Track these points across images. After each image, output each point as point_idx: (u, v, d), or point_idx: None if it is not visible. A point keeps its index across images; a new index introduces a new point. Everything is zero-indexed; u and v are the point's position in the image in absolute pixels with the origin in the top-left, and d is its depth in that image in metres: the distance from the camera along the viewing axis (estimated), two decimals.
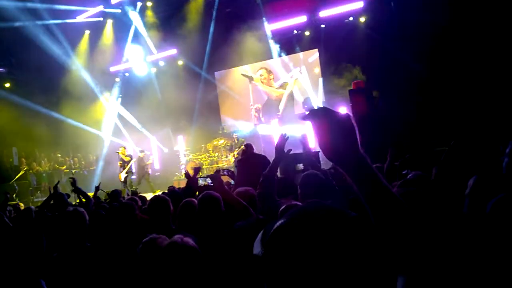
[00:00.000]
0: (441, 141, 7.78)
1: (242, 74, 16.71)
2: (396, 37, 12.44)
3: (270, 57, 15.88)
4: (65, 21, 15.35)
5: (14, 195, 13.58)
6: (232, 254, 2.53)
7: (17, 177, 14.35)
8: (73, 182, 5.78)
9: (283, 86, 16.06)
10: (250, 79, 16.54)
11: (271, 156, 3.48)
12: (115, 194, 6.38)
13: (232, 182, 6.01)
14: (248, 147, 6.70)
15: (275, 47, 15.46)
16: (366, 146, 1.06)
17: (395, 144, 4.73)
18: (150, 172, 14.18)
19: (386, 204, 0.95)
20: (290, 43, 15.36)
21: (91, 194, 7.62)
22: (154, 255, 1.82)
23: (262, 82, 16.40)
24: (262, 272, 0.80)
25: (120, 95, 18.02)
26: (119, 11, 16.54)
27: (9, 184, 14.00)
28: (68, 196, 6.06)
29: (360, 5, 13.65)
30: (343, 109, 12.18)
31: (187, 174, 4.98)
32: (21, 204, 9.44)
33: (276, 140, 3.24)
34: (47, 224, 4.70)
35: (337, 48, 13.87)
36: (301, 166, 7.80)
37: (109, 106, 17.44)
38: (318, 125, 1.01)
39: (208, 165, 14.83)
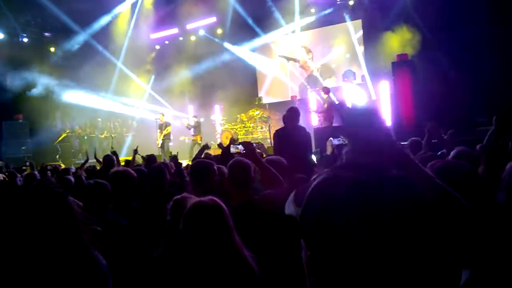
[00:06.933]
0: None
1: (279, 56, 16.38)
2: None
3: (308, 28, 15.43)
4: None
5: (57, 156, 14.18)
6: (262, 221, 2.48)
7: (59, 139, 14.90)
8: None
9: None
10: (288, 59, 16.23)
11: None
12: (150, 159, 6.47)
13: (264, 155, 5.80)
14: (288, 116, 5.44)
15: (313, 19, 14.93)
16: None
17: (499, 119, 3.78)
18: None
19: None
20: (331, 13, 14.69)
21: (129, 157, 7.84)
22: (180, 212, 1.89)
23: (298, 60, 16.10)
24: (301, 228, 0.77)
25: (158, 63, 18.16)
26: None
27: (52, 146, 14.62)
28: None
29: None
30: (384, 83, 11.70)
31: (220, 145, 5.08)
32: (62, 165, 9.83)
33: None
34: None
35: (383, 16, 12.96)
36: (335, 140, 7.39)
37: (148, 73, 17.65)
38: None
39: (243, 135, 14.87)
